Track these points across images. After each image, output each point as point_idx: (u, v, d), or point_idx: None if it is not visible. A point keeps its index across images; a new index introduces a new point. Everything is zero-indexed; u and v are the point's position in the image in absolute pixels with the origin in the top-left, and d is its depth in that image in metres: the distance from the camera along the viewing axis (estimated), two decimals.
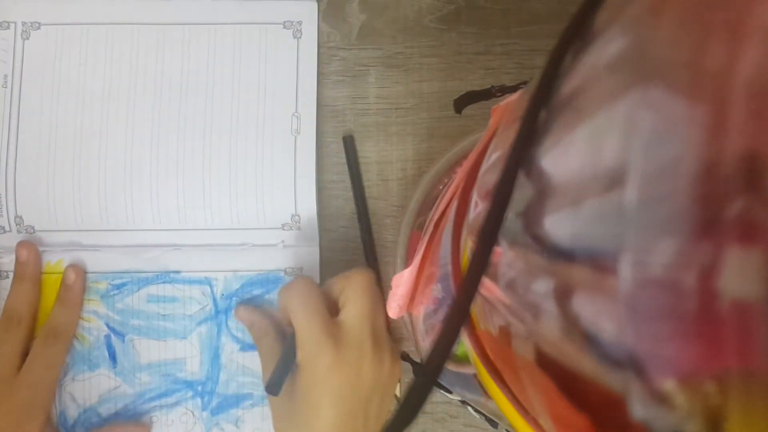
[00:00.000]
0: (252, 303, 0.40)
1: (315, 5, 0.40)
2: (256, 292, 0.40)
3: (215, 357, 0.40)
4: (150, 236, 0.40)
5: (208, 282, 0.40)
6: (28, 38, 0.40)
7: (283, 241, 0.40)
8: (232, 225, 0.40)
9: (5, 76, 0.40)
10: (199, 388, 0.39)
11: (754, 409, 0.09)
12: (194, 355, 0.39)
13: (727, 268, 0.08)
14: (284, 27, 0.40)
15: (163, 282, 0.40)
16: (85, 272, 0.39)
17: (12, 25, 0.40)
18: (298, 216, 0.40)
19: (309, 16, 0.40)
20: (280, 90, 0.40)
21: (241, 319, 0.39)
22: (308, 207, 0.40)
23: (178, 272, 0.40)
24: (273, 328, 0.37)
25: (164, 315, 0.39)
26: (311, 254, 0.40)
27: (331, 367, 0.31)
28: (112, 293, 0.39)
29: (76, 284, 0.38)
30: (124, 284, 0.39)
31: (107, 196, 0.39)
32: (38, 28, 0.40)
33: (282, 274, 0.40)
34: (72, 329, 0.39)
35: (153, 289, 0.40)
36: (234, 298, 0.40)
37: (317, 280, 0.40)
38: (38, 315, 0.39)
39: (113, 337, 0.39)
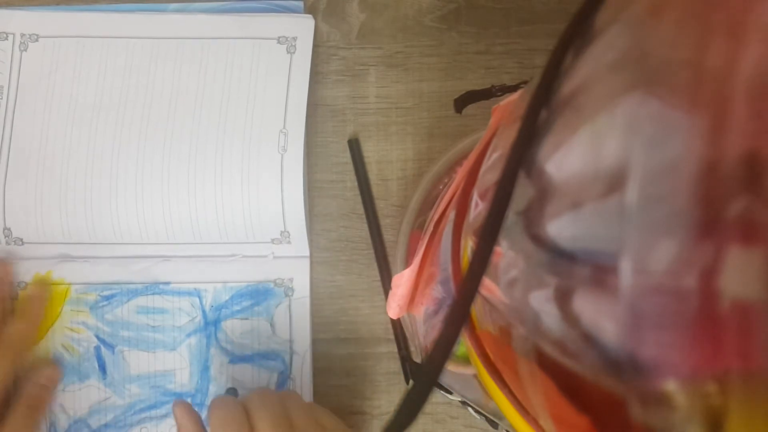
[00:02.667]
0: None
1: (312, 22, 0.40)
2: (246, 303, 0.40)
3: (205, 369, 0.39)
4: (138, 249, 0.39)
5: (197, 293, 0.39)
6: (26, 50, 0.40)
7: (273, 253, 0.40)
8: (221, 239, 0.40)
9: (0, 87, 0.40)
10: (189, 400, 0.39)
11: (754, 409, 0.09)
12: (184, 367, 0.39)
13: (727, 268, 0.08)
14: (278, 42, 0.40)
15: (153, 293, 0.39)
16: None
17: (10, 37, 0.40)
18: (288, 232, 0.39)
19: (305, 31, 0.40)
20: (269, 105, 0.40)
21: (175, 416, 0.34)
22: (297, 224, 0.39)
23: (167, 284, 0.39)
24: None
25: (154, 326, 0.39)
26: (302, 266, 0.40)
27: None
28: (101, 304, 0.39)
29: (4, 278, 0.38)
30: (113, 295, 0.39)
31: (93, 210, 0.39)
32: (36, 40, 0.40)
33: (272, 285, 0.40)
34: (30, 342, 0.38)
35: (142, 301, 0.39)
36: (223, 310, 0.39)
37: (307, 292, 0.40)
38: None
39: (103, 349, 0.39)
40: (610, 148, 0.11)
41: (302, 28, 0.40)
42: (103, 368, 0.39)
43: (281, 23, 0.40)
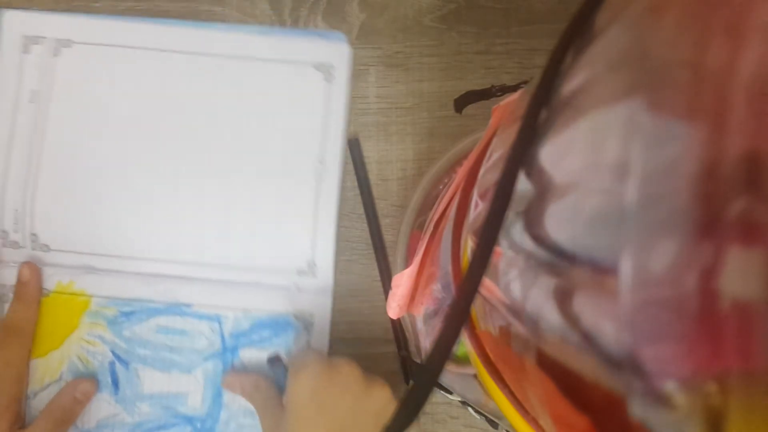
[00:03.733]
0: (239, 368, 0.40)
1: (348, 50, 0.40)
2: (265, 333, 0.39)
3: (218, 395, 0.39)
4: (163, 267, 0.39)
5: (217, 319, 0.39)
6: (58, 55, 0.40)
7: (296, 284, 0.40)
8: (247, 264, 0.39)
9: (33, 91, 0.39)
10: (199, 424, 0.39)
11: (754, 409, 0.09)
12: (197, 391, 0.39)
13: (727, 268, 0.08)
14: (316, 69, 0.40)
15: (173, 314, 0.39)
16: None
17: (44, 41, 0.40)
18: (314, 263, 0.40)
19: (341, 60, 0.40)
20: (306, 133, 0.40)
21: (230, 387, 0.39)
22: (326, 257, 0.40)
23: (188, 305, 0.39)
24: (263, 380, 0.37)
25: (171, 347, 0.39)
26: (324, 303, 0.40)
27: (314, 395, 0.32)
28: (120, 320, 0.39)
29: (32, 280, 0.38)
30: (133, 312, 0.39)
31: (124, 222, 0.39)
32: (70, 45, 0.40)
33: (292, 318, 0.40)
34: (31, 325, 0.38)
35: (162, 320, 0.39)
36: (242, 338, 0.39)
37: (327, 329, 0.40)
38: (35, 331, 0.39)
39: (117, 364, 0.39)
40: (610, 148, 0.11)
41: (339, 55, 0.40)
42: (115, 383, 0.39)
43: (319, 49, 0.40)
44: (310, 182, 0.40)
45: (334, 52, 0.40)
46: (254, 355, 0.39)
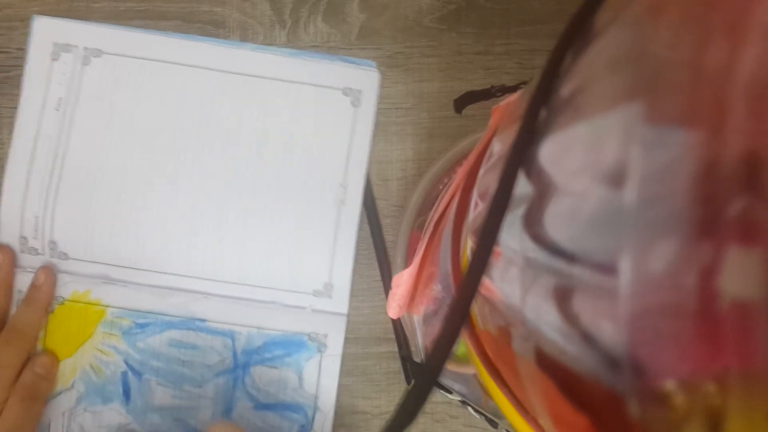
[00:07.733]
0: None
1: (377, 76, 0.40)
2: (278, 352, 0.39)
3: (227, 410, 0.39)
4: (180, 281, 0.39)
5: (231, 335, 0.39)
6: (88, 64, 0.39)
7: (311, 305, 0.40)
8: (264, 283, 0.39)
9: (60, 99, 0.39)
10: None
11: (754, 409, 0.09)
12: (207, 406, 0.39)
13: (727, 268, 0.08)
14: (344, 93, 0.40)
15: (187, 328, 0.39)
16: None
17: (74, 49, 0.39)
18: (331, 285, 0.40)
19: (370, 86, 0.40)
20: (330, 156, 0.40)
21: None
22: (343, 278, 0.40)
23: (203, 321, 0.39)
24: None
25: (184, 361, 0.39)
26: (338, 323, 0.40)
27: None
28: (134, 331, 0.39)
29: (45, 285, 0.38)
30: (147, 324, 0.39)
31: (144, 235, 0.39)
32: (99, 55, 0.39)
33: (306, 338, 0.40)
34: (36, 330, 0.38)
35: (176, 334, 0.39)
36: (254, 355, 0.39)
37: (340, 350, 0.40)
38: (39, 337, 0.39)
39: (130, 375, 0.39)
40: (609, 148, 0.11)
41: (368, 81, 0.40)
42: (127, 394, 0.39)
43: (348, 74, 0.40)
44: (331, 205, 0.40)
45: (364, 78, 0.40)
46: (265, 373, 0.39)
